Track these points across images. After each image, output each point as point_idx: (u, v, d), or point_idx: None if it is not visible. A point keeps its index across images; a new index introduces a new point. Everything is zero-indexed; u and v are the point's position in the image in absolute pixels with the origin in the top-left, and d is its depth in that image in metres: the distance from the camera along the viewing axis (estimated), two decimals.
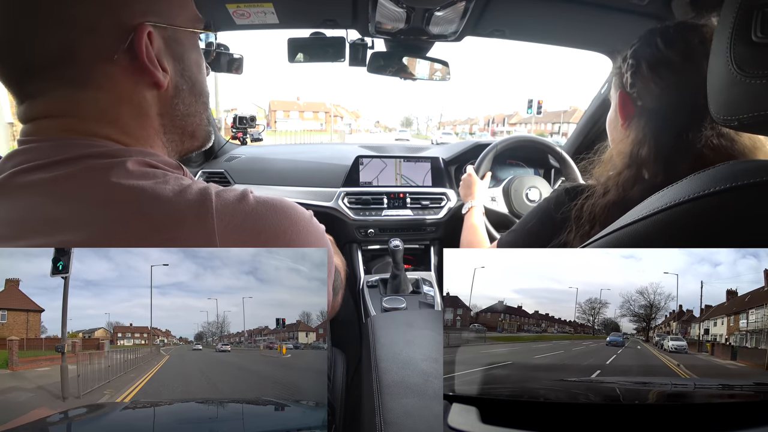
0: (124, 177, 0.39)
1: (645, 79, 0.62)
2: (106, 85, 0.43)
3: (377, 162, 1.68)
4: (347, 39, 1.31)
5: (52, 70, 0.41)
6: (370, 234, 1.59)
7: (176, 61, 0.48)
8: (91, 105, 0.43)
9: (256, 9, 1.16)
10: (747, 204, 0.37)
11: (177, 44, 0.48)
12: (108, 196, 0.38)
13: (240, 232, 0.40)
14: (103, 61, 0.42)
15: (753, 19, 0.37)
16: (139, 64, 0.44)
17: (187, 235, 0.38)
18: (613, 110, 0.72)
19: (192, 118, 0.51)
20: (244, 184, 1.62)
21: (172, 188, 0.40)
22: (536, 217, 0.78)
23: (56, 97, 0.42)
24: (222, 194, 0.42)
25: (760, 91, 0.37)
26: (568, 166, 1.47)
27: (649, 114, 0.62)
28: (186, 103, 0.50)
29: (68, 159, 0.40)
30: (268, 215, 0.43)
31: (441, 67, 1.46)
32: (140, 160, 0.42)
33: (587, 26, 1.27)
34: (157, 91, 0.46)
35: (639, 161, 0.61)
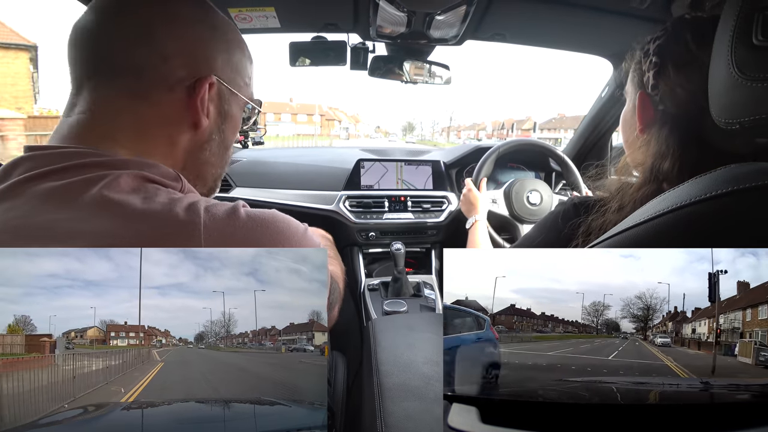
0: (115, 190, 0.40)
1: (670, 82, 0.54)
2: (155, 104, 0.48)
3: (378, 165, 1.68)
4: (348, 43, 1.32)
5: (118, 75, 0.47)
6: (371, 237, 1.59)
7: (219, 116, 0.54)
8: (132, 114, 0.47)
9: (258, 13, 1.17)
10: (748, 207, 0.37)
11: (227, 104, 0.54)
12: (98, 208, 0.39)
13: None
14: (165, 86, 0.48)
15: (754, 23, 0.38)
16: (189, 102, 0.49)
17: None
18: (629, 109, 0.63)
19: (211, 168, 0.56)
20: (245, 187, 1.62)
21: (161, 203, 0.41)
22: (543, 232, 0.72)
23: (110, 98, 0.47)
24: (212, 209, 0.42)
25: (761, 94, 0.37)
26: (569, 169, 1.47)
27: (673, 122, 0.54)
28: (212, 152, 0.55)
29: (71, 167, 0.41)
30: (259, 231, 0.44)
31: (442, 70, 1.46)
32: (137, 174, 0.43)
33: (587, 30, 1.28)
34: (194, 131, 0.51)
35: (661, 176, 0.54)
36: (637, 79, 0.60)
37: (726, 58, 0.40)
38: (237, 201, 0.46)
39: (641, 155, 0.58)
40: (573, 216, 0.63)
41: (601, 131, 1.66)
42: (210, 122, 0.52)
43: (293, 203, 1.59)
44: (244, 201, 0.47)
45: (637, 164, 0.60)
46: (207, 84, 0.50)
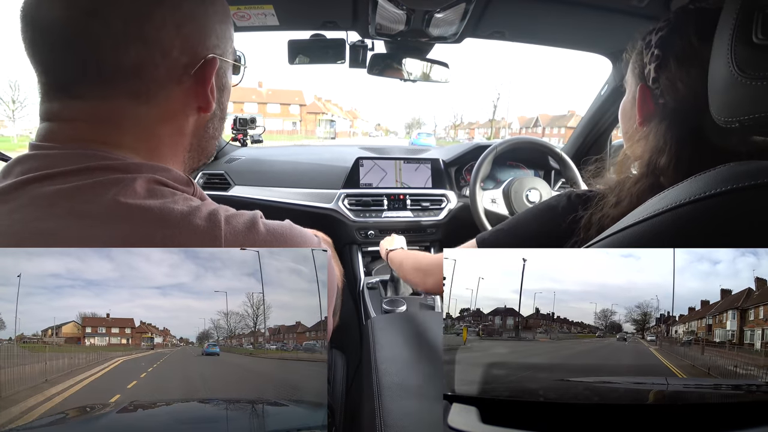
0: (131, 196, 0.39)
1: (672, 76, 0.53)
2: (161, 103, 0.45)
3: (377, 163, 1.68)
4: (347, 41, 1.32)
5: (117, 78, 0.42)
6: (370, 236, 1.59)
7: (219, 91, 0.51)
8: (136, 118, 0.44)
9: (257, 11, 1.16)
10: (748, 206, 0.37)
11: (224, 75, 0.51)
12: (111, 215, 0.37)
13: None
14: (169, 81, 0.44)
15: (754, 21, 0.37)
16: (198, 91, 0.47)
17: None
18: (629, 99, 0.62)
19: (213, 141, 0.54)
20: (244, 185, 1.62)
21: (180, 210, 0.40)
22: (536, 221, 0.71)
23: (106, 104, 0.43)
24: (232, 221, 0.42)
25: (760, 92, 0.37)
26: (568, 167, 1.47)
27: (672, 116, 0.54)
28: (215, 127, 0.53)
29: (78, 170, 0.39)
30: (277, 245, 0.44)
31: (441, 68, 1.46)
32: (150, 178, 0.41)
33: (586, 27, 1.28)
34: (199, 114, 0.49)
35: (657, 170, 0.54)
36: (638, 71, 0.59)
37: (726, 57, 0.40)
38: (255, 212, 0.46)
39: (639, 149, 0.58)
40: (572, 209, 0.63)
41: (601, 129, 1.66)
42: (215, 101, 0.50)
43: (292, 202, 1.59)
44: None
45: (635, 157, 0.60)
46: (215, 67, 0.47)
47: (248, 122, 1.70)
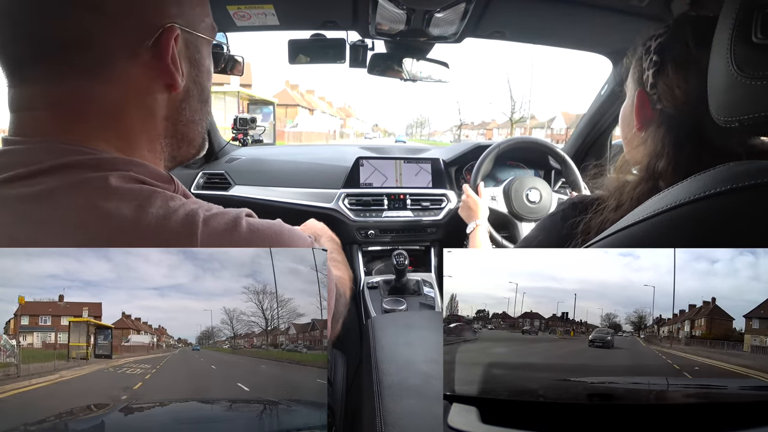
0: (103, 197, 0.37)
1: (669, 81, 0.54)
2: (120, 80, 0.41)
3: (377, 163, 1.68)
4: (347, 40, 1.32)
5: (65, 53, 0.38)
6: (370, 235, 1.59)
7: (192, 67, 0.47)
8: (97, 99, 0.40)
9: (257, 10, 1.16)
10: (747, 206, 0.37)
11: (195, 50, 0.47)
12: (85, 219, 0.36)
13: None
14: (123, 54, 0.40)
15: (753, 20, 0.37)
16: (159, 65, 0.42)
17: None
18: (628, 105, 0.63)
19: (194, 125, 0.50)
20: (244, 185, 1.62)
21: (155, 213, 0.37)
22: (543, 232, 0.72)
23: (59, 85, 0.39)
24: (211, 221, 0.39)
25: (760, 92, 0.37)
26: (569, 167, 1.47)
27: (670, 122, 0.55)
28: (192, 110, 0.48)
29: (50, 169, 0.37)
30: (259, 244, 0.41)
31: (441, 68, 1.46)
32: (126, 175, 0.39)
33: (587, 28, 1.28)
34: (168, 93, 0.45)
35: (657, 174, 0.55)
36: (637, 76, 0.59)
37: (725, 56, 0.40)
38: (241, 210, 0.43)
39: (639, 153, 0.59)
40: (572, 215, 0.64)
41: (601, 129, 1.66)
42: (185, 78, 0.45)
43: (292, 201, 1.59)
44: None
45: (635, 162, 0.60)
46: (173, 37, 0.42)
47: (248, 122, 1.70)
